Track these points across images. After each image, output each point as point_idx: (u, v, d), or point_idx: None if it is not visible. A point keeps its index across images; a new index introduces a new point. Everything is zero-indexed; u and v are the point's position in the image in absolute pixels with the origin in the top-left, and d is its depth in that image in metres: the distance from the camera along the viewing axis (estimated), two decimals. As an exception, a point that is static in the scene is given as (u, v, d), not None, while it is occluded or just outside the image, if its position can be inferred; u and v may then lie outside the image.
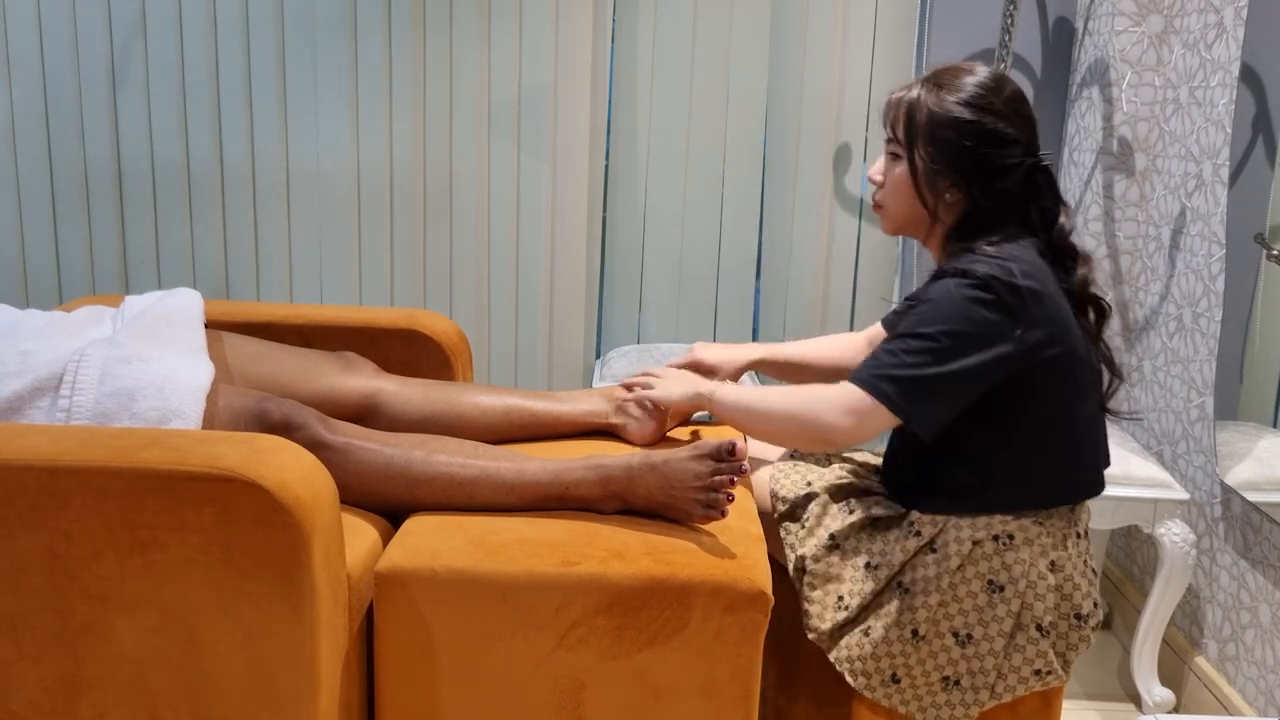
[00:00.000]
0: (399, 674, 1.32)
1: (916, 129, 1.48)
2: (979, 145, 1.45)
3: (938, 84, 1.48)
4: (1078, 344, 1.44)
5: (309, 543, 1.18)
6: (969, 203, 1.48)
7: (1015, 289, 1.37)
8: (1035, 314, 1.38)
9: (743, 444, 1.38)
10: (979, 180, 1.46)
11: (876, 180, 1.55)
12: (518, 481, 1.43)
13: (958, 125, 1.45)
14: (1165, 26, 2.33)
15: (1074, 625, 1.47)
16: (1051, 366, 1.40)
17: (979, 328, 1.36)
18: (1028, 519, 1.45)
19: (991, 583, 1.44)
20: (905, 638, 1.45)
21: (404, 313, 1.95)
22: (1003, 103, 1.46)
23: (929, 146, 1.47)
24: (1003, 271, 1.38)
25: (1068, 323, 1.43)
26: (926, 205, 1.49)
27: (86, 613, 1.22)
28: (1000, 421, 1.43)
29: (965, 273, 1.39)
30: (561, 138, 2.61)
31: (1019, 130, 1.46)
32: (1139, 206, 2.41)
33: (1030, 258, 1.43)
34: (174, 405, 1.38)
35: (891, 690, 1.46)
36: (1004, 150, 1.45)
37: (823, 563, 1.51)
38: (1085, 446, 1.48)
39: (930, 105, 1.47)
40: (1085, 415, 1.46)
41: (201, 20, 2.59)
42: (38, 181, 2.68)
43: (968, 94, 1.46)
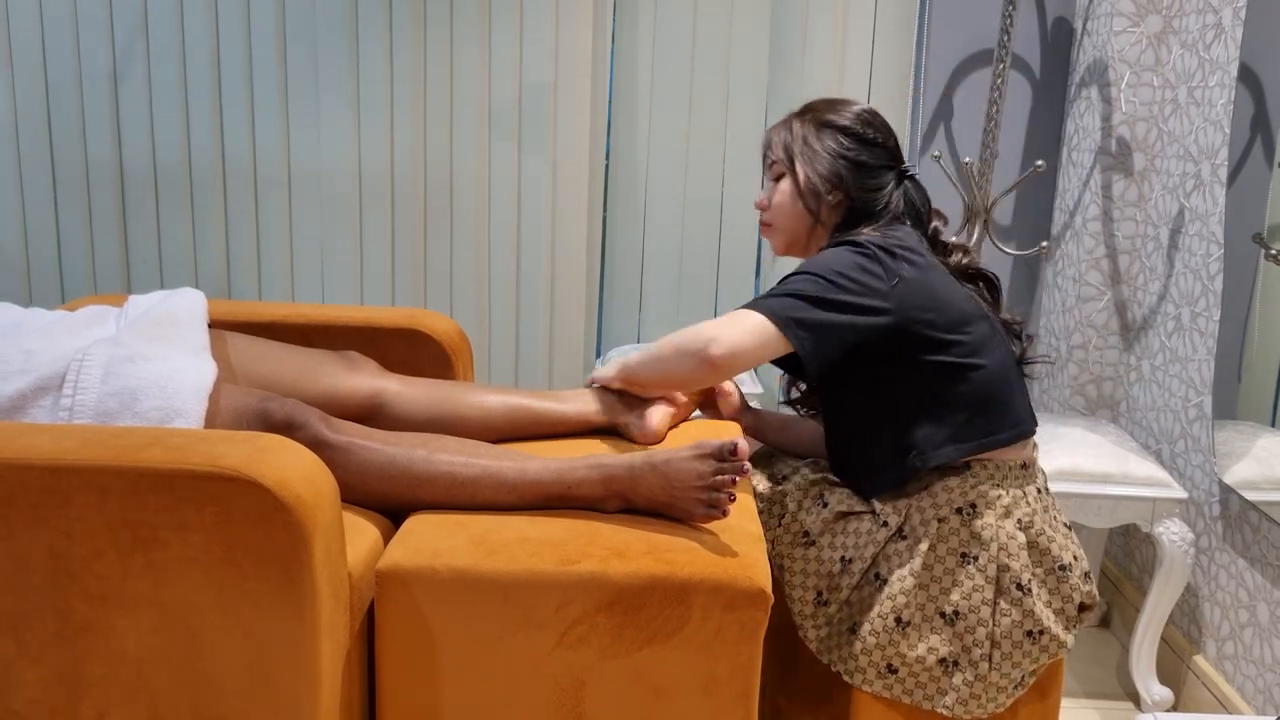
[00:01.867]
0: (400, 672, 1.33)
1: (796, 144, 1.65)
2: (853, 146, 1.61)
3: (809, 109, 1.67)
4: (960, 304, 1.53)
5: (310, 542, 1.19)
6: (849, 204, 1.63)
7: (890, 251, 1.51)
8: (910, 274, 1.49)
9: (744, 444, 1.39)
10: (856, 180, 1.62)
11: (762, 206, 1.69)
12: (520, 481, 1.43)
13: (832, 131, 1.63)
14: (1164, 27, 2.33)
15: (1060, 577, 1.50)
16: (931, 325, 1.49)
17: (857, 272, 1.48)
18: (984, 484, 1.50)
19: (965, 555, 1.48)
20: (891, 627, 1.47)
21: (405, 312, 1.95)
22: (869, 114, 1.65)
23: (809, 155, 1.63)
24: (880, 239, 1.53)
25: (946, 285, 1.53)
26: (811, 210, 1.63)
27: (87, 612, 1.22)
28: (900, 381, 1.51)
29: (846, 240, 1.55)
30: (561, 138, 2.62)
31: (885, 138, 1.64)
32: (1137, 206, 2.42)
33: (906, 236, 1.57)
34: (176, 405, 1.38)
35: (891, 681, 1.48)
36: (873, 152, 1.62)
37: (799, 560, 1.54)
38: (992, 393, 1.53)
39: (808, 123, 1.65)
40: (989, 368, 1.52)
41: (203, 20, 2.59)
42: (40, 180, 2.68)
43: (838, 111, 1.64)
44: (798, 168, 1.63)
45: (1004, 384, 1.54)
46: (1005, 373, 1.55)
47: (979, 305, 1.57)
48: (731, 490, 1.39)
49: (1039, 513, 1.52)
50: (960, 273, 1.62)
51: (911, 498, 1.51)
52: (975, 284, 1.63)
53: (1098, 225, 2.44)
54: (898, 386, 1.52)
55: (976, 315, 1.54)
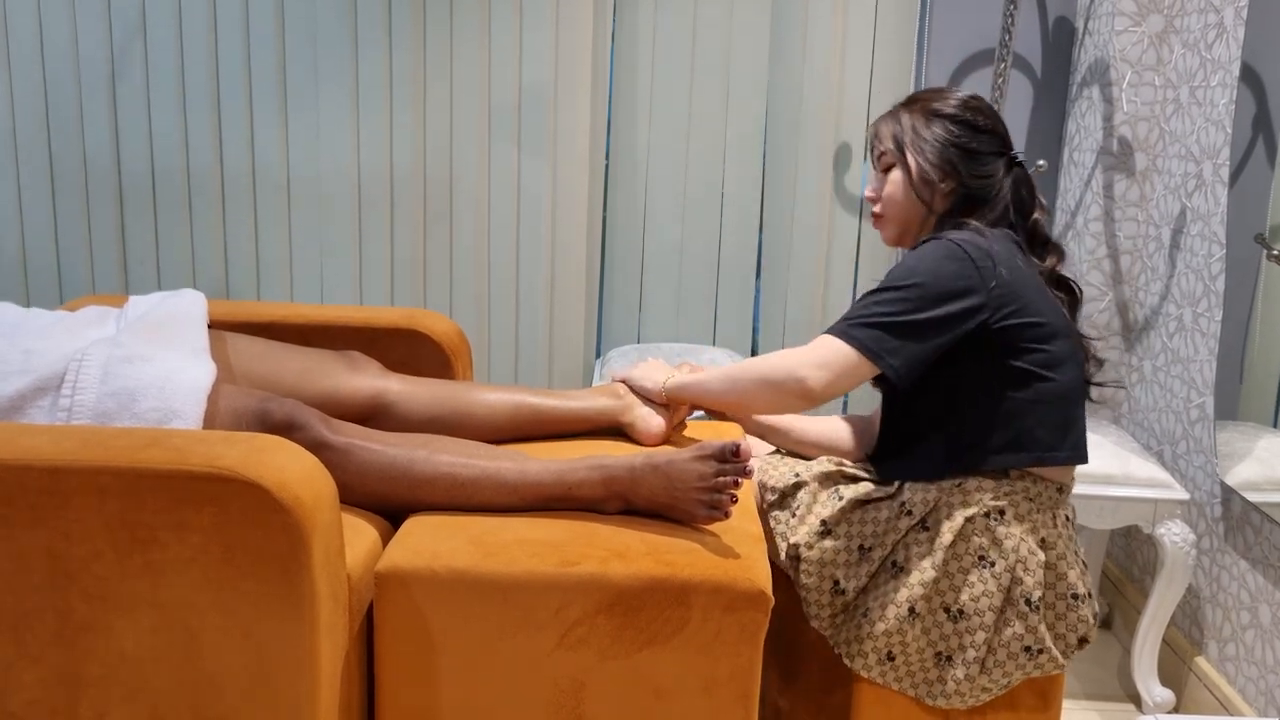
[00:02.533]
0: (399, 674, 1.32)
1: (905, 134, 1.62)
2: (963, 133, 1.59)
3: (915, 99, 1.66)
4: (1050, 315, 1.52)
5: (309, 543, 1.18)
6: (962, 191, 1.60)
7: (986, 252, 1.49)
8: (1004, 276, 1.48)
9: (746, 445, 1.38)
10: (968, 167, 1.60)
11: (872, 197, 1.68)
12: (520, 482, 1.43)
13: (941, 119, 1.61)
14: (1165, 26, 2.33)
15: (1070, 605, 1.51)
16: (1021, 328, 1.48)
17: (950, 280, 1.46)
18: (1018, 494, 1.49)
19: (983, 558, 1.48)
20: (902, 616, 1.48)
21: (404, 312, 1.95)
22: (975, 100, 1.63)
23: (920, 144, 1.61)
24: (975, 237, 1.51)
25: (1037, 293, 1.52)
26: (924, 199, 1.61)
27: (86, 612, 1.21)
28: (974, 377, 1.50)
29: (940, 237, 1.52)
30: (561, 138, 2.61)
31: (994, 124, 1.62)
32: (1139, 206, 2.41)
33: (1002, 238, 1.55)
34: (175, 405, 1.38)
35: (887, 669, 1.49)
36: (982, 138, 1.60)
37: (816, 549, 1.54)
38: (1062, 410, 1.52)
39: (915, 113, 1.63)
40: (1064, 381, 1.51)
41: (202, 21, 2.59)
42: (38, 182, 2.68)
43: (945, 98, 1.63)
44: (909, 157, 1.60)
45: (1072, 403, 1.53)
46: (1076, 393, 1.54)
47: (1065, 320, 1.56)
48: (733, 492, 1.38)
49: (1064, 539, 1.52)
50: (1050, 278, 1.60)
51: (943, 490, 1.50)
52: (1061, 291, 1.62)
53: (1099, 225, 2.43)
54: (974, 380, 1.50)
55: (1062, 330, 1.53)
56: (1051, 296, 1.56)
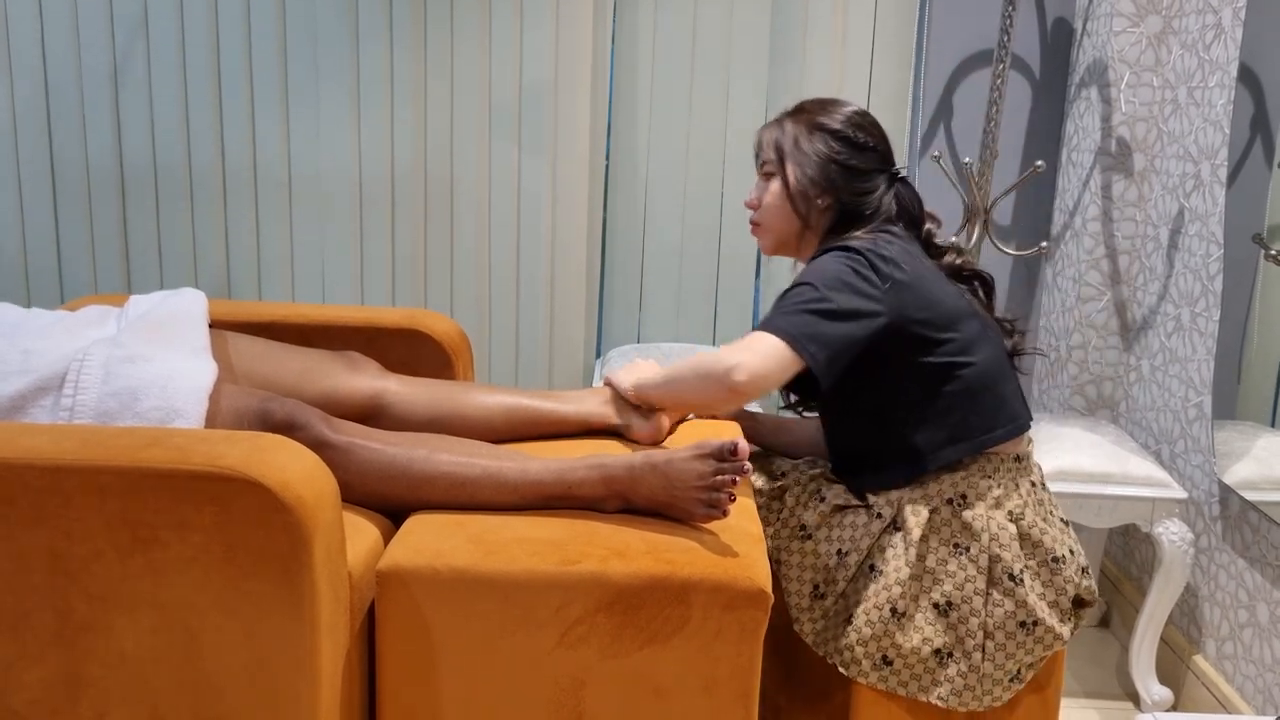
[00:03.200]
0: (400, 673, 1.33)
1: (787, 145, 1.64)
2: (843, 150, 1.61)
3: (802, 109, 1.66)
4: (952, 303, 1.54)
5: (310, 542, 1.19)
6: (838, 208, 1.62)
7: (881, 255, 1.51)
8: (901, 276, 1.50)
9: (745, 444, 1.39)
10: (846, 184, 1.62)
11: (751, 204, 1.69)
12: (520, 481, 1.43)
13: (823, 134, 1.62)
14: (1164, 27, 2.34)
15: (1052, 569, 1.52)
16: (924, 324, 1.50)
17: (851, 277, 1.49)
18: (975, 475, 1.52)
19: (956, 545, 1.50)
20: (886, 618, 1.49)
21: (405, 312, 1.95)
22: (860, 117, 1.64)
23: (799, 157, 1.63)
24: (870, 243, 1.53)
25: (938, 285, 1.55)
26: (800, 213, 1.63)
27: (87, 612, 1.22)
28: (895, 383, 1.52)
29: (836, 247, 1.55)
30: (561, 137, 2.62)
31: (877, 142, 1.63)
32: (1137, 207, 2.42)
33: (896, 239, 1.57)
34: (176, 405, 1.38)
35: (886, 673, 1.49)
36: (864, 156, 1.62)
37: (796, 553, 1.55)
38: (988, 389, 1.54)
39: (800, 124, 1.64)
40: (981, 365, 1.54)
41: (203, 20, 2.59)
42: (39, 180, 2.68)
43: (830, 112, 1.63)
44: (788, 169, 1.63)
45: (997, 380, 1.55)
46: (998, 369, 1.56)
47: (969, 303, 1.58)
48: (732, 490, 1.39)
49: (1031, 506, 1.54)
50: (953, 272, 1.63)
51: (903, 490, 1.53)
52: (969, 284, 1.65)
53: (1097, 225, 2.44)
54: (894, 388, 1.53)
55: (966, 313, 1.55)
56: (950, 284, 1.58)
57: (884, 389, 1.53)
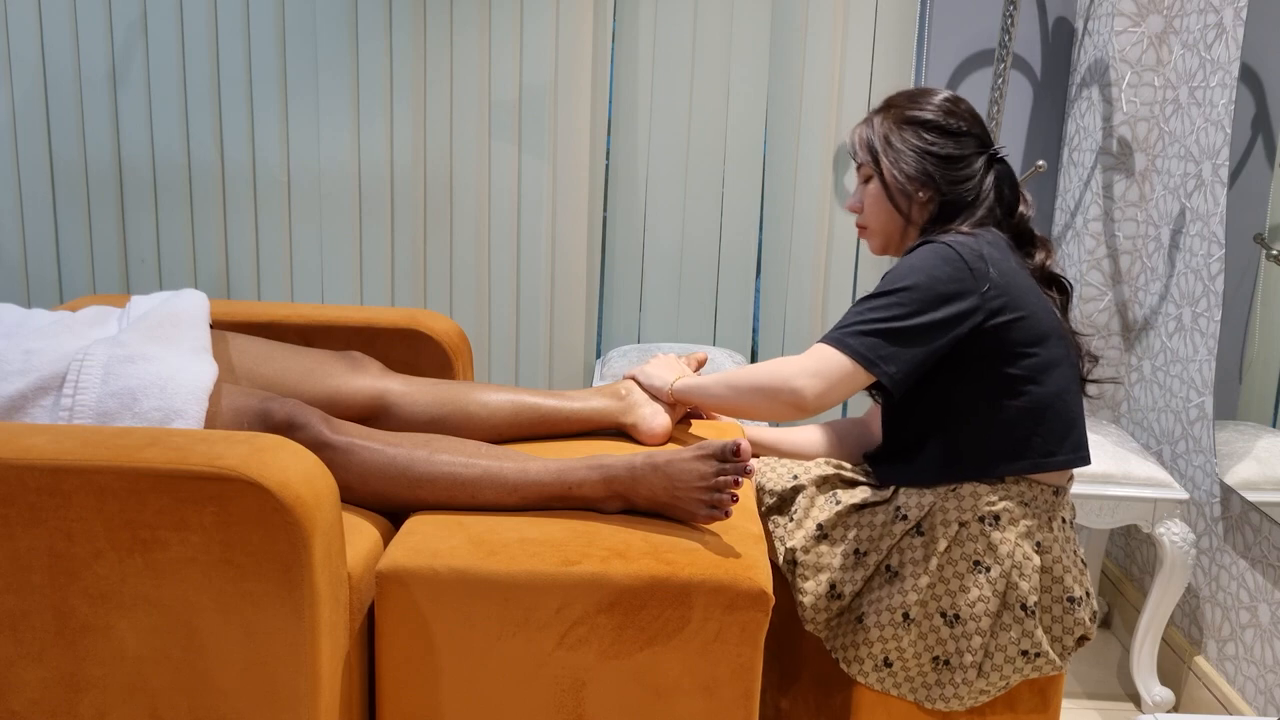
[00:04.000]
0: (400, 673, 1.33)
1: (879, 143, 1.60)
2: (937, 140, 1.57)
3: (891, 104, 1.62)
4: (1044, 316, 1.51)
5: (310, 542, 1.18)
6: (940, 199, 1.58)
7: (979, 254, 1.48)
8: (997, 279, 1.47)
9: (747, 444, 1.38)
10: (944, 174, 1.57)
11: (855, 209, 1.66)
12: (520, 481, 1.43)
13: (914, 126, 1.58)
14: (1165, 27, 2.33)
15: (1066, 608, 1.50)
16: (1016, 331, 1.47)
17: (944, 283, 1.45)
18: (1013, 499, 1.49)
19: (978, 563, 1.48)
20: (897, 621, 1.48)
21: (405, 312, 1.95)
22: (952, 104, 1.59)
23: (893, 154, 1.59)
24: (967, 239, 1.50)
25: (1031, 294, 1.51)
26: (901, 210, 1.60)
27: (87, 612, 1.22)
28: (971, 384, 1.49)
29: (931, 241, 1.51)
30: (561, 138, 2.61)
31: (971, 126, 1.59)
32: (1138, 206, 2.41)
33: (992, 239, 1.53)
34: (176, 405, 1.38)
35: (885, 674, 1.49)
36: (960, 142, 1.57)
37: (812, 553, 1.54)
38: (1059, 414, 1.51)
39: (889, 121, 1.60)
40: (1058, 385, 1.50)
41: (202, 20, 2.59)
42: (39, 181, 2.68)
43: (919, 103, 1.60)
44: (884, 168, 1.59)
45: (1069, 405, 1.52)
46: (1072, 394, 1.53)
47: (1057, 320, 1.54)
48: (734, 491, 1.38)
49: (1060, 541, 1.52)
50: (1041, 275, 1.59)
51: (939, 495, 1.50)
52: (1051, 289, 1.60)
53: (1099, 225, 2.44)
54: (967, 389, 1.49)
55: (1055, 332, 1.51)
56: (1043, 295, 1.55)
57: (957, 387, 1.50)
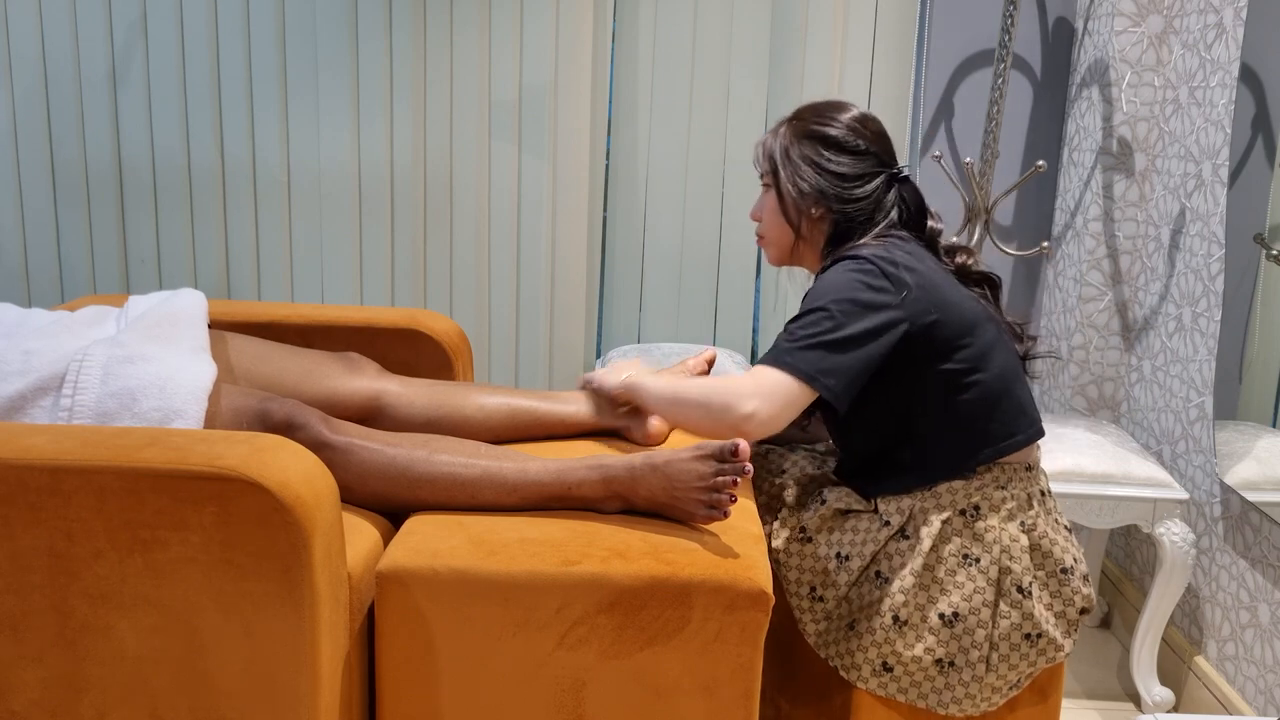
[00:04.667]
0: (400, 673, 1.33)
1: (779, 155, 1.60)
2: (833, 157, 1.57)
3: (798, 116, 1.61)
4: (967, 306, 1.51)
5: (310, 542, 1.18)
6: (833, 218, 1.58)
7: (893, 262, 1.47)
8: (915, 283, 1.47)
9: (746, 445, 1.38)
10: (837, 192, 1.57)
11: (756, 217, 1.66)
12: (520, 481, 1.43)
13: (812, 141, 1.57)
14: (1165, 27, 2.33)
15: (1061, 580, 1.51)
16: (943, 328, 1.47)
17: (864, 293, 1.45)
18: (989, 486, 1.49)
19: (966, 556, 1.48)
20: (887, 625, 1.48)
21: (404, 312, 1.95)
22: (857, 121, 1.58)
23: (789, 167, 1.59)
24: (881, 250, 1.50)
25: (949, 288, 1.51)
26: (793, 224, 1.60)
27: (87, 612, 1.22)
28: (915, 390, 1.49)
29: (846, 257, 1.51)
30: (561, 138, 2.61)
31: (872, 144, 1.58)
32: (1138, 206, 2.41)
33: (905, 243, 1.54)
34: (176, 405, 1.38)
35: (886, 679, 1.48)
36: (856, 161, 1.57)
37: (795, 555, 1.54)
38: (1008, 395, 1.52)
39: (790, 133, 1.60)
40: (1000, 367, 1.51)
41: (202, 20, 2.59)
42: (39, 181, 2.68)
43: (823, 117, 1.59)
44: (780, 181, 1.59)
45: (1013, 385, 1.53)
46: (1014, 374, 1.54)
47: (984, 308, 1.55)
48: (732, 491, 1.38)
49: (1042, 515, 1.53)
50: (963, 275, 1.60)
51: (915, 498, 1.51)
52: (979, 286, 1.61)
53: (1099, 225, 2.44)
54: (911, 396, 1.50)
55: (981, 318, 1.52)
56: (963, 289, 1.55)
57: (900, 397, 1.50)
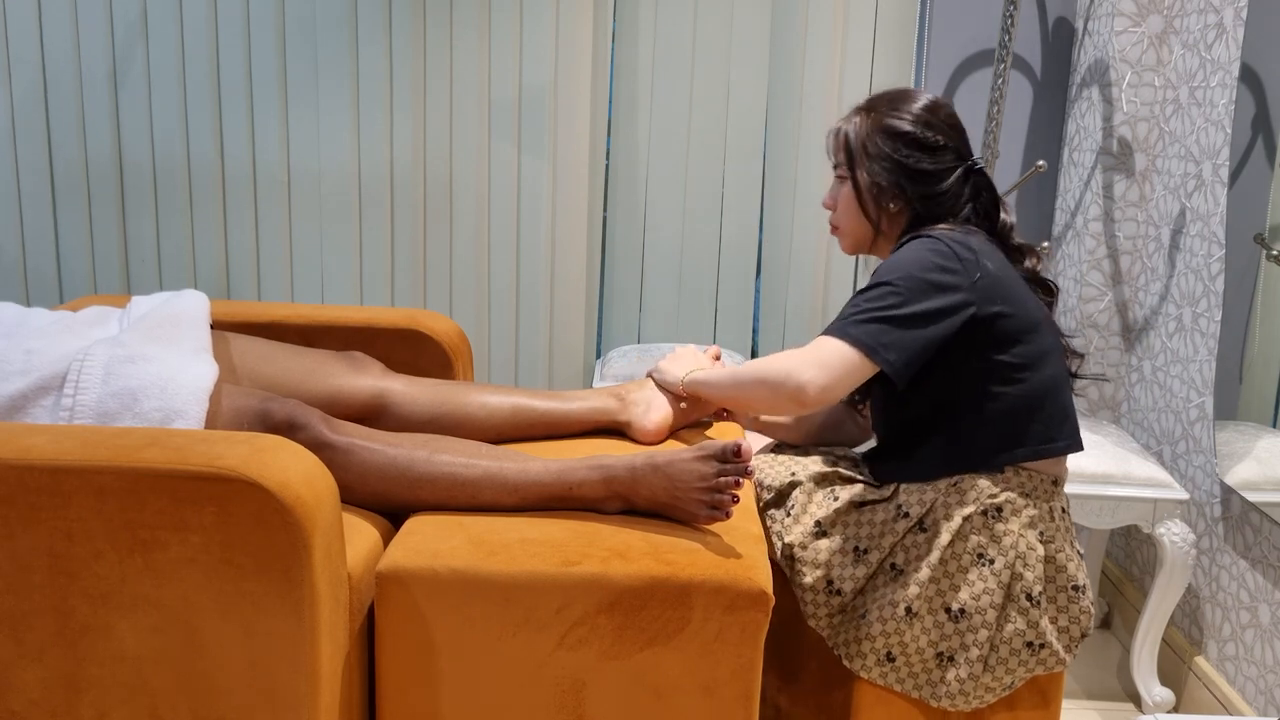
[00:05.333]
0: (400, 674, 1.32)
1: (855, 148, 1.59)
2: (912, 154, 1.56)
3: (872, 107, 1.60)
4: (1033, 307, 1.51)
5: (310, 542, 1.18)
6: (911, 212, 1.58)
7: (967, 246, 1.48)
8: (987, 268, 1.47)
9: (747, 445, 1.38)
10: (917, 189, 1.56)
11: (829, 206, 1.65)
12: (521, 482, 1.43)
13: (891, 137, 1.56)
14: (1165, 27, 2.33)
15: (1071, 597, 1.51)
16: (1007, 320, 1.47)
17: (934, 273, 1.45)
18: (1014, 490, 1.49)
19: (981, 555, 1.48)
20: (899, 616, 1.48)
21: (405, 312, 1.95)
22: (931, 113, 1.57)
23: (868, 162, 1.58)
24: (954, 233, 1.50)
25: (1019, 286, 1.51)
26: (871, 219, 1.60)
27: (87, 612, 1.21)
28: (968, 374, 1.49)
29: (920, 235, 1.51)
30: (561, 138, 2.61)
31: (949, 138, 1.57)
32: (1139, 207, 2.41)
33: (979, 237, 1.53)
34: (177, 405, 1.38)
35: (887, 669, 1.49)
36: (936, 156, 1.56)
37: (810, 549, 1.54)
38: (1055, 400, 1.52)
39: (866, 126, 1.58)
40: (1052, 371, 1.51)
41: (202, 20, 2.59)
42: (39, 181, 2.68)
43: (899, 110, 1.57)
44: (858, 174, 1.58)
45: (1061, 392, 1.53)
46: (1063, 383, 1.54)
47: (1045, 313, 1.55)
48: (734, 492, 1.38)
49: (1061, 532, 1.52)
50: (1031, 278, 1.59)
51: (940, 491, 1.50)
52: (1043, 293, 1.60)
53: (1099, 225, 2.44)
54: (962, 381, 1.49)
55: (1044, 322, 1.52)
56: (1031, 291, 1.55)
57: (951, 380, 1.49)
